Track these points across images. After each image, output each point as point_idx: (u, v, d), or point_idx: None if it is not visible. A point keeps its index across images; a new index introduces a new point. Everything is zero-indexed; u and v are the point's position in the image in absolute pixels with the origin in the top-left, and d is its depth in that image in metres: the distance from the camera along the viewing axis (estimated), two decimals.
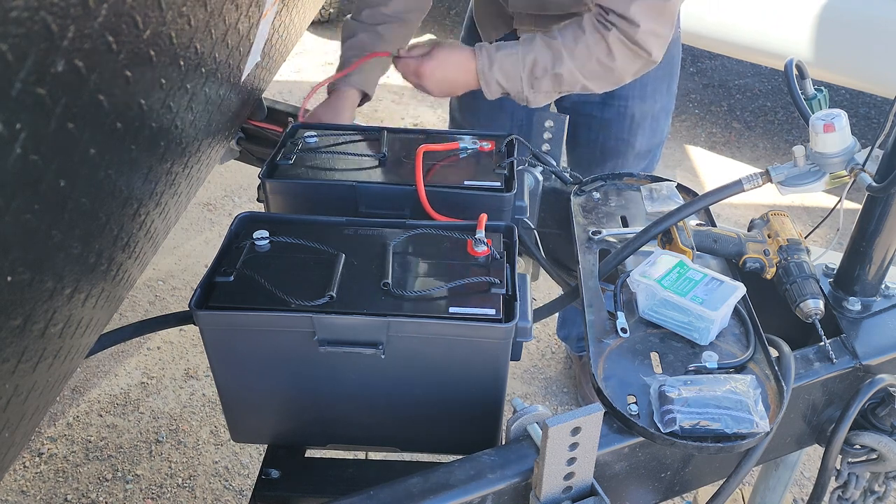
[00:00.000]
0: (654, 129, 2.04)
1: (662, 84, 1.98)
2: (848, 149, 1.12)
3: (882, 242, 1.24)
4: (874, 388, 1.14)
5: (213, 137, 1.28)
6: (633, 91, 1.92)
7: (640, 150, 2.05)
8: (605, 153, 2.04)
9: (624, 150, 2.03)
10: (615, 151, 2.02)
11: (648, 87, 1.94)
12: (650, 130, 2.02)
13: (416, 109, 4.58)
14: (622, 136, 2.00)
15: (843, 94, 4.85)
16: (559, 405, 2.67)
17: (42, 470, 2.37)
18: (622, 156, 2.04)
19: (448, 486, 0.96)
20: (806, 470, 2.42)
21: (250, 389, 1.14)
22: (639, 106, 1.96)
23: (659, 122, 2.04)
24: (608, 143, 2.01)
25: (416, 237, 1.19)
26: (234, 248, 1.16)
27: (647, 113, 1.99)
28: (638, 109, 1.97)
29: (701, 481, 1.19)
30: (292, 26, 1.63)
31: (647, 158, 2.09)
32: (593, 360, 1.09)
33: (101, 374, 2.71)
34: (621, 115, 1.97)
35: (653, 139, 2.06)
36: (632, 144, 2.02)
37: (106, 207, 0.81)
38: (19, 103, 0.55)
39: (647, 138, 2.03)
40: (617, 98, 1.94)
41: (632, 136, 2.01)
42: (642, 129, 2.00)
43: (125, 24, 0.68)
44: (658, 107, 2.00)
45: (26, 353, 0.74)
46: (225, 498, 2.32)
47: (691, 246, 1.26)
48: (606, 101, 1.95)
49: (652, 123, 2.02)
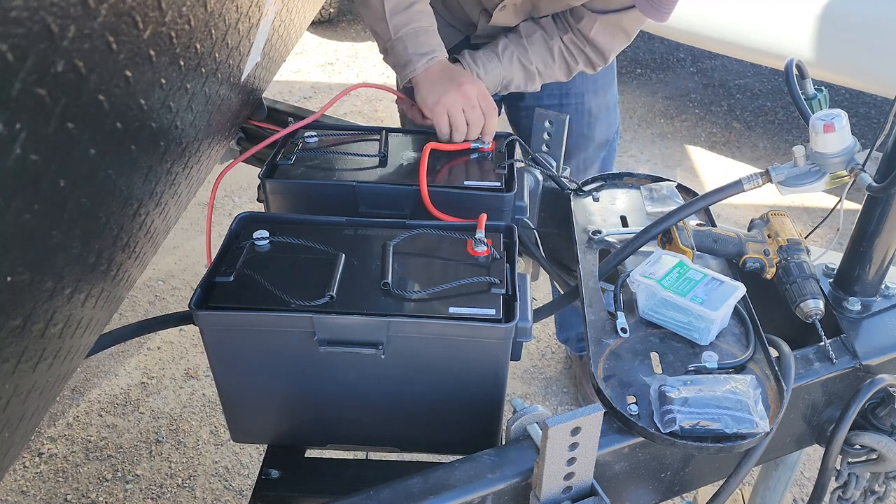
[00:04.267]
0: (609, 121, 2.10)
1: (609, 75, 2.04)
2: (848, 149, 1.12)
3: (882, 242, 1.23)
4: (874, 388, 1.14)
5: (213, 137, 1.28)
6: (586, 86, 1.98)
7: (599, 142, 2.10)
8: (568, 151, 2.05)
9: (585, 145, 2.07)
10: (577, 147, 2.06)
11: (599, 80, 1.99)
12: (605, 122, 2.08)
13: None
14: (582, 132, 2.04)
15: (843, 94, 4.85)
16: (559, 405, 2.67)
17: (42, 470, 2.37)
18: (583, 150, 2.08)
19: (448, 486, 0.96)
20: (806, 470, 2.42)
21: (250, 389, 1.14)
22: (594, 99, 2.01)
23: (611, 113, 2.11)
24: (569, 140, 2.03)
25: (416, 237, 1.19)
26: (234, 248, 1.16)
27: (602, 105, 2.05)
28: (594, 103, 2.02)
29: (701, 481, 1.18)
30: (292, 26, 1.63)
31: (604, 149, 2.14)
32: (593, 360, 1.09)
33: (101, 374, 2.71)
34: (579, 112, 2.01)
35: (609, 130, 2.11)
36: (591, 138, 2.07)
37: (106, 207, 0.81)
38: (19, 103, 0.55)
39: (605, 129, 2.09)
40: (573, 95, 1.99)
41: (591, 130, 2.06)
42: (599, 121, 2.06)
43: (125, 24, 0.68)
44: (609, 97, 2.07)
45: (26, 354, 0.74)
46: (225, 498, 2.32)
47: (691, 246, 1.26)
48: (563, 102, 1.99)
49: (607, 115, 2.08)
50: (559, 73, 1.77)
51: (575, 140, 2.04)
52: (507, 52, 1.69)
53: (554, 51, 1.72)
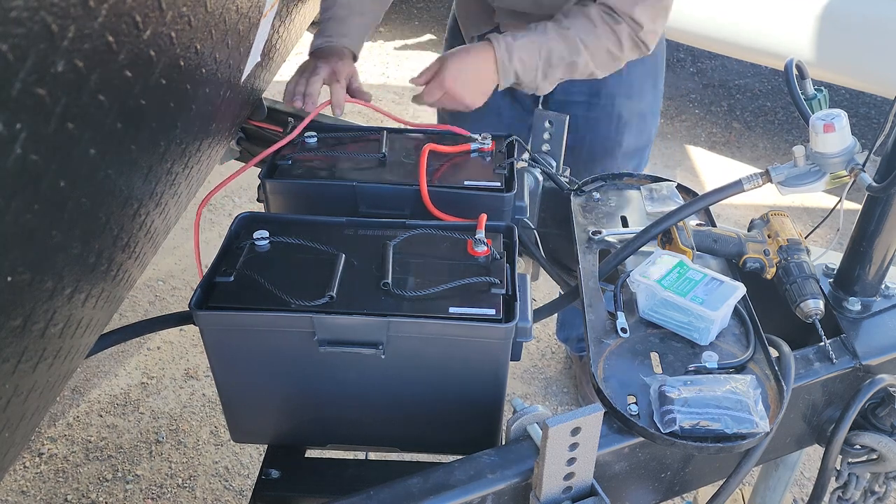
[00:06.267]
0: (642, 129, 2.02)
1: (647, 81, 1.97)
2: (848, 149, 1.12)
3: (882, 242, 1.24)
4: (874, 389, 1.14)
5: (213, 137, 1.28)
6: (618, 89, 1.91)
7: (628, 150, 2.02)
8: (593, 155, 2.00)
9: (612, 150, 2.00)
10: (603, 152, 1.99)
11: (635, 85, 1.92)
12: (637, 130, 2.00)
13: (417, 109, 4.58)
14: (610, 136, 1.97)
15: (843, 94, 4.85)
16: (559, 405, 2.67)
17: (42, 470, 2.37)
18: (610, 156, 2.00)
19: (448, 486, 0.96)
20: (806, 470, 2.42)
21: (250, 389, 1.14)
22: (626, 104, 1.94)
23: (646, 122, 2.03)
24: (595, 144, 1.98)
25: (416, 237, 1.19)
26: (234, 248, 1.16)
27: (635, 111, 1.97)
28: (625, 108, 1.95)
29: (701, 481, 1.18)
30: (292, 26, 1.63)
31: (635, 158, 2.06)
32: (593, 360, 1.09)
33: (101, 374, 2.71)
34: (608, 115, 1.94)
35: (640, 138, 2.04)
36: (619, 143, 1.99)
37: (106, 207, 0.81)
38: (19, 103, 0.55)
39: (635, 137, 2.01)
40: (603, 97, 1.92)
41: (619, 136, 1.98)
42: (630, 128, 1.98)
43: (125, 24, 0.68)
44: (644, 105, 1.99)
45: (26, 354, 0.74)
46: (225, 498, 2.32)
47: (691, 246, 1.26)
48: (591, 101, 1.92)
49: (639, 123, 2.00)
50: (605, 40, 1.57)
51: (602, 143, 1.97)
52: (539, 26, 1.60)
53: (592, 14, 1.57)
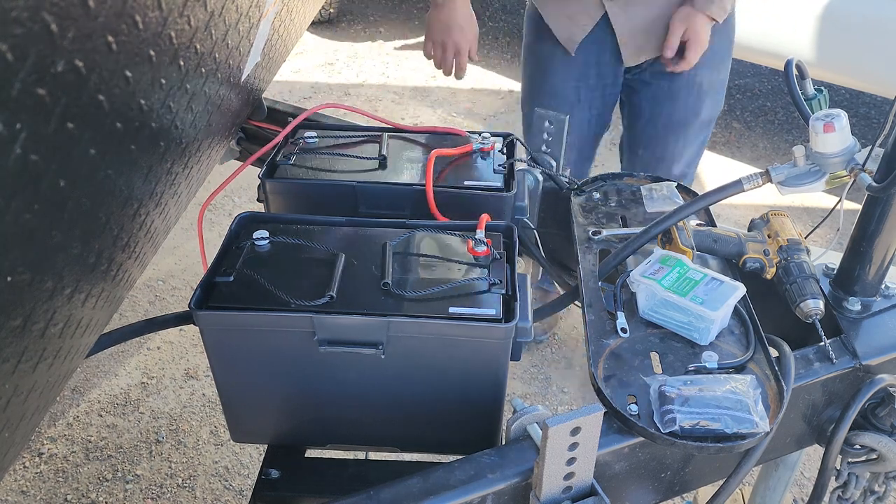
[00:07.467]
0: (717, 100, 2.08)
1: (727, 53, 2.02)
2: (848, 149, 1.12)
3: (882, 242, 1.23)
4: (874, 388, 1.14)
5: (213, 137, 1.28)
6: (703, 59, 1.94)
7: (704, 120, 2.06)
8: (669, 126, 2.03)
9: (691, 120, 2.03)
10: (680, 123, 2.02)
11: (717, 55, 1.96)
12: (713, 101, 2.06)
13: (416, 109, 4.58)
14: (689, 105, 2.01)
15: (843, 94, 4.85)
16: (559, 405, 2.67)
17: (42, 470, 2.37)
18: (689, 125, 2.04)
19: (448, 486, 0.96)
20: (806, 470, 2.42)
21: (250, 389, 1.14)
22: (707, 75, 1.99)
23: (719, 93, 2.08)
24: (675, 113, 2.02)
25: (416, 237, 1.19)
26: (234, 248, 1.16)
27: (714, 81, 2.02)
28: (706, 78, 1.99)
29: (701, 481, 1.18)
30: (292, 26, 1.63)
31: (707, 129, 2.10)
32: (593, 360, 1.09)
33: (101, 374, 2.71)
34: (690, 84, 1.99)
35: (714, 109, 2.09)
36: (698, 113, 2.04)
37: (106, 207, 0.81)
38: (19, 103, 0.55)
39: (710, 108, 2.06)
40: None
41: (699, 105, 2.03)
42: (709, 97, 2.03)
43: (125, 24, 0.68)
44: (722, 77, 2.04)
45: (26, 353, 0.74)
46: (225, 498, 2.32)
47: (691, 246, 1.26)
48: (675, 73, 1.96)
49: (717, 93, 2.05)
50: None
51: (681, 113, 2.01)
52: None
53: None
